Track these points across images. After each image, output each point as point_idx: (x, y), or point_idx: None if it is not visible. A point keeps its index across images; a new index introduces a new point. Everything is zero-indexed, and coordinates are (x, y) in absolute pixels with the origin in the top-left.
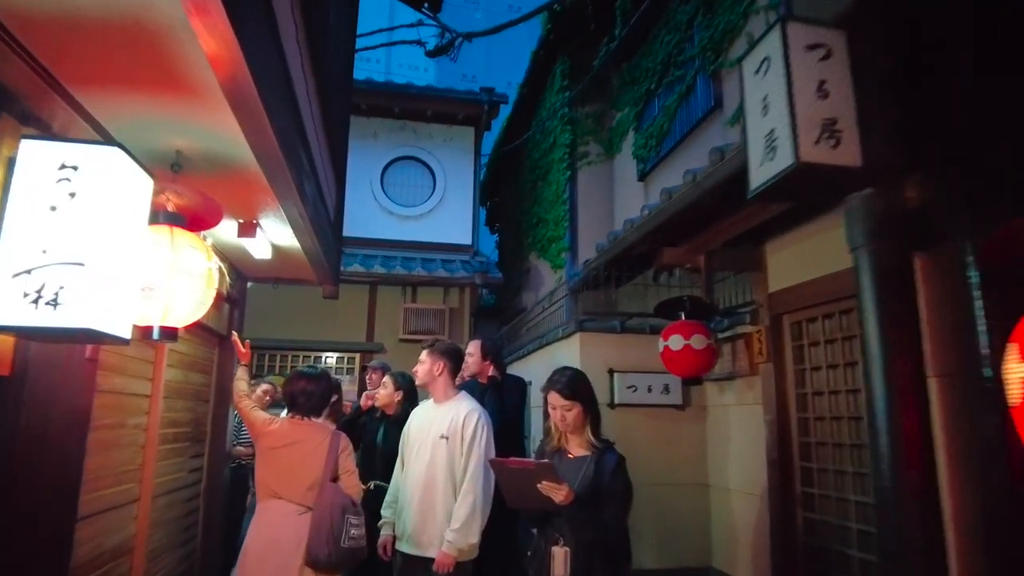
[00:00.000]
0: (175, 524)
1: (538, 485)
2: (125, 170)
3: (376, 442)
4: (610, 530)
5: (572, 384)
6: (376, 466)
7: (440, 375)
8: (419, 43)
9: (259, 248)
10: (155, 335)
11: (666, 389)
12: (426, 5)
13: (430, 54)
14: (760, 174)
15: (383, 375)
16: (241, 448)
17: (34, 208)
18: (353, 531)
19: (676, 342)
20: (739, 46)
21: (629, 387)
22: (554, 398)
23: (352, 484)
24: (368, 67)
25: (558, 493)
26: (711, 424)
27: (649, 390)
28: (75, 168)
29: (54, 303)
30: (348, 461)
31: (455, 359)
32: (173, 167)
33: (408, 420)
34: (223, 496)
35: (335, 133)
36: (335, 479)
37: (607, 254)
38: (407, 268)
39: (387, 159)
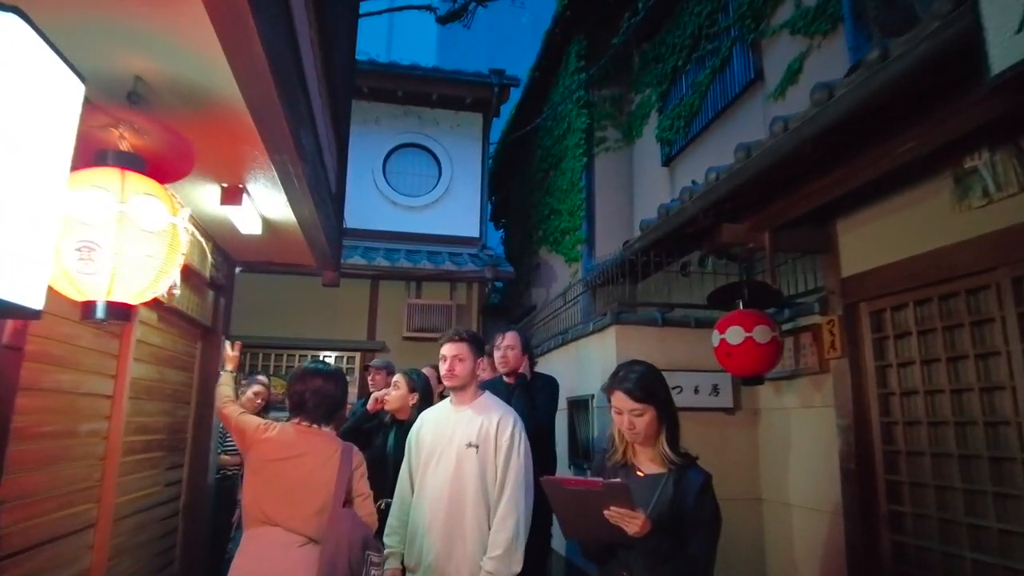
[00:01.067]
0: (147, 549)
1: (605, 511)
2: (28, 52)
3: (386, 452)
4: (697, 568)
5: (644, 383)
6: (387, 481)
7: (481, 373)
8: (429, 8)
9: (247, 220)
10: (99, 313)
11: (715, 390)
12: None
13: (441, 20)
14: (1012, 48)
15: (387, 375)
16: (226, 457)
17: None
18: (374, 571)
19: (735, 335)
20: (784, 11)
21: (674, 388)
22: (621, 400)
23: (368, 511)
24: (368, 48)
25: (632, 522)
26: (764, 430)
27: (696, 391)
28: None
29: None
30: (363, 482)
31: (483, 352)
32: (131, 98)
33: (416, 427)
34: (207, 513)
35: (337, 90)
36: (347, 503)
37: (657, 231)
38: (412, 261)
39: (390, 146)
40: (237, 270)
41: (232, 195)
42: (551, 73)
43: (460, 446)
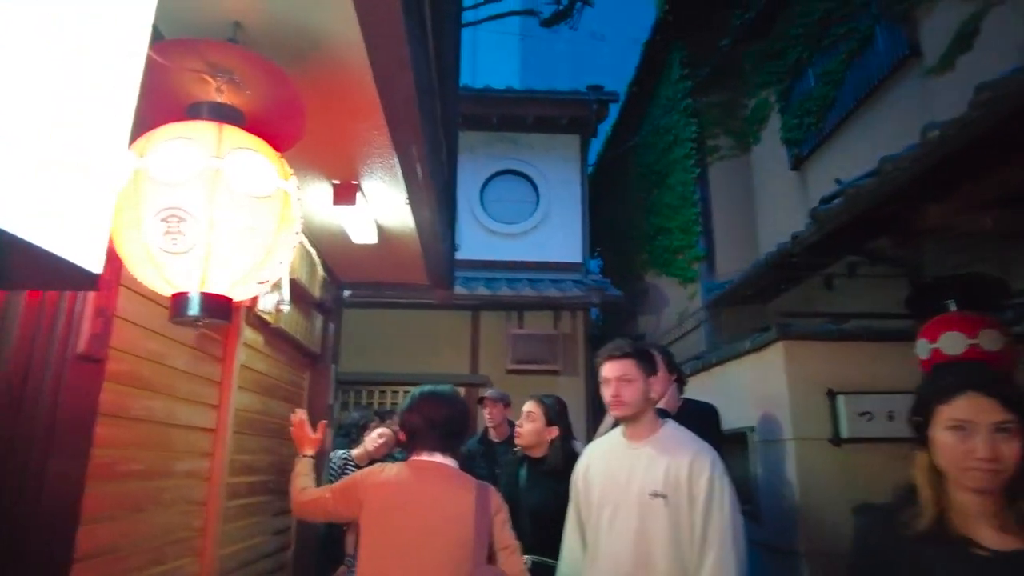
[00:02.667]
0: None
1: None
2: None
3: (518, 497)
4: None
5: (1014, 388)
6: (523, 529)
7: (657, 398)
8: (532, 12)
9: (361, 226)
10: (192, 308)
11: None
12: None
13: (546, 23)
14: None
15: (504, 407)
16: None
17: None
18: None
19: (953, 343)
20: None
21: (862, 414)
22: (977, 406)
23: (518, 568)
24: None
25: None
26: None
27: (890, 418)
28: None
29: None
30: (506, 531)
31: (654, 369)
32: None
33: (580, 467)
34: (317, 567)
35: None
36: (490, 559)
37: (840, 216)
38: (514, 288)
39: (486, 174)
40: (345, 293)
41: (345, 192)
42: (650, 85)
43: (642, 495)
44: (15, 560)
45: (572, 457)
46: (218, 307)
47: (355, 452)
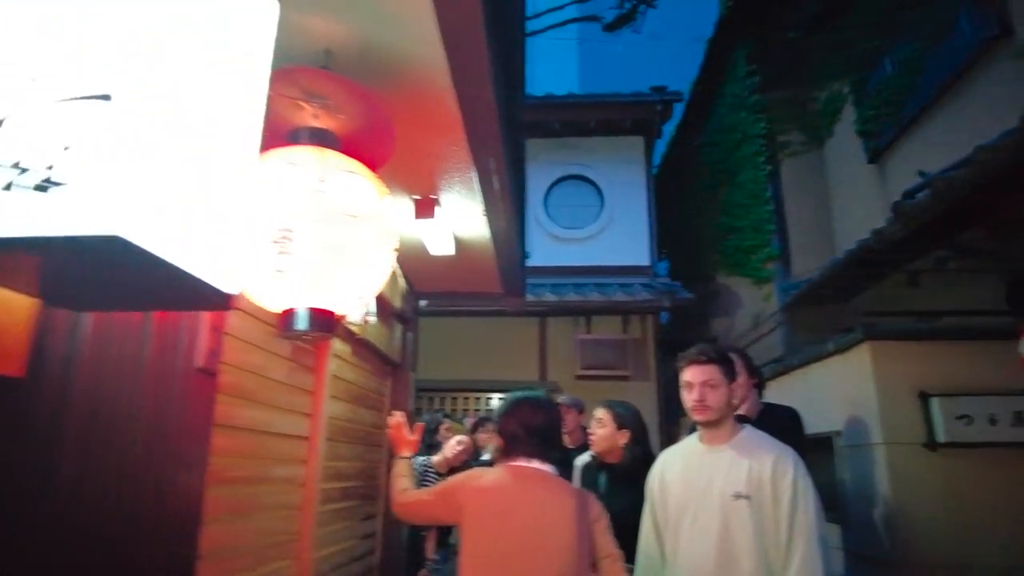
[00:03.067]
0: None
1: None
2: None
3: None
4: None
5: None
6: None
7: (738, 404)
8: (594, 19)
9: (439, 238)
10: (300, 322)
11: (1018, 419)
12: None
13: (608, 28)
14: None
15: (578, 414)
16: None
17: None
18: None
19: None
20: None
21: (960, 418)
22: None
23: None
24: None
25: None
26: None
27: (992, 421)
28: None
29: (45, 185)
30: (607, 538)
31: (735, 375)
32: None
33: (655, 473)
34: (408, 569)
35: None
36: (593, 566)
37: (931, 210)
38: (581, 294)
39: (549, 181)
40: (422, 303)
41: (425, 207)
42: (714, 84)
43: (724, 497)
44: (148, 556)
45: (647, 459)
46: (324, 321)
47: (435, 459)
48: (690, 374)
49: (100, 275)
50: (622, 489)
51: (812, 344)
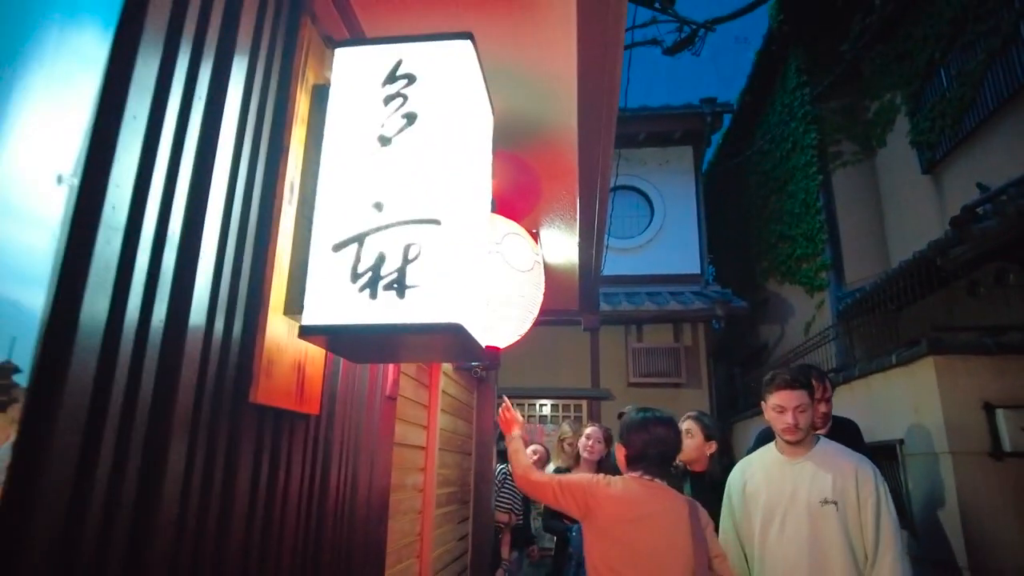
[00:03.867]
0: None
1: None
2: (473, 79)
3: None
4: None
5: None
6: None
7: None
8: (656, 42)
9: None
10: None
11: None
12: (658, 2)
13: (668, 52)
14: None
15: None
16: (500, 513)
17: (357, 145)
18: None
19: None
20: None
21: None
22: None
23: (729, 574)
24: None
25: None
26: None
27: None
28: (410, 79)
29: (399, 286)
30: (716, 541)
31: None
32: None
33: (735, 484)
34: (490, 571)
35: None
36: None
37: (998, 236)
38: (633, 303)
39: (609, 178)
40: None
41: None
42: (765, 93)
43: (811, 504)
44: (364, 536)
45: (732, 468)
46: (493, 356)
47: (540, 499)
48: (782, 398)
49: (411, 343)
50: (707, 496)
51: (871, 354)
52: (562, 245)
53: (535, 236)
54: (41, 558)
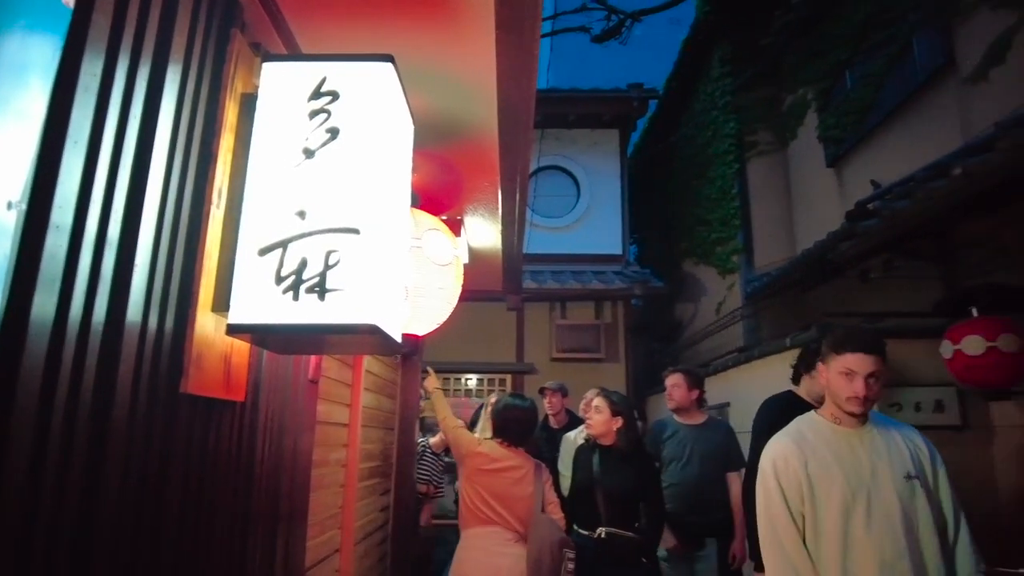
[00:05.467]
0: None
1: None
2: (394, 97)
3: (594, 480)
4: None
5: None
6: (596, 507)
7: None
8: (585, 29)
9: (460, 251)
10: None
11: (938, 406)
12: None
13: (597, 39)
14: None
15: (562, 397)
16: (420, 484)
17: (283, 156)
18: (570, 565)
19: (973, 345)
20: None
21: (892, 405)
22: None
23: (560, 515)
24: None
25: None
26: (1003, 450)
27: (917, 408)
28: (334, 95)
29: (320, 290)
30: (552, 491)
31: None
32: None
33: (792, 465)
34: (411, 538)
35: None
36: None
37: (880, 235)
38: (559, 281)
39: (529, 171)
40: None
41: (453, 227)
42: (690, 81)
43: (896, 480)
44: (290, 506)
45: (638, 443)
46: (413, 344)
47: (433, 440)
48: (856, 362)
49: (332, 339)
50: (614, 467)
51: (775, 335)
52: (486, 231)
53: (460, 223)
54: None
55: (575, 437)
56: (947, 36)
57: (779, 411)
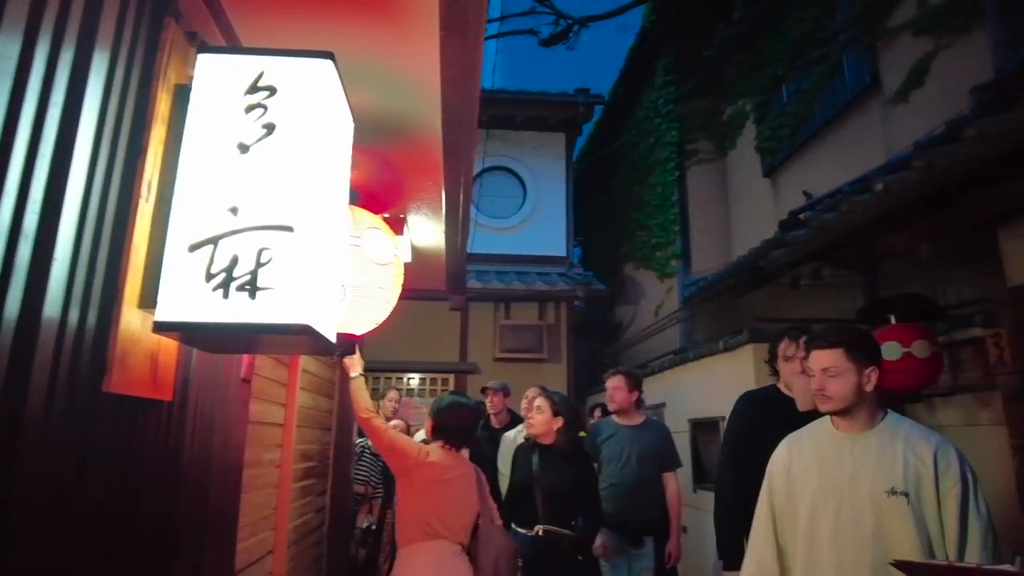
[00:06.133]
0: None
1: None
2: (333, 95)
3: (533, 479)
4: None
5: None
6: (535, 505)
7: (873, 389)
8: (533, 32)
9: (402, 249)
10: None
11: None
12: None
13: (544, 43)
14: None
15: (504, 397)
16: (358, 485)
17: (217, 150)
18: (520, 573)
19: (891, 351)
20: (905, 11)
21: None
22: None
23: (500, 520)
24: None
25: None
26: None
27: None
28: (271, 90)
29: (251, 288)
30: (489, 497)
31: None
32: None
33: (778, 463)
34: (347, 540)
35: None
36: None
37: (811, 243)
38: (503, 282)
39: (475, 171)
40: None
41: (395, 226)
42: (635, 88)
43: (876, 494)
44: (219, 507)
45: (578, 442)
46: (350, 344)
47: (372, 441)
48: (812, 359)
49: (264, 339)
50: (554, 466)
51: (709, 338)
52: (430, 230)
53: (403, 222)
54: None
55: (514, 436)
56: (874, 58)
57: (750, 404)
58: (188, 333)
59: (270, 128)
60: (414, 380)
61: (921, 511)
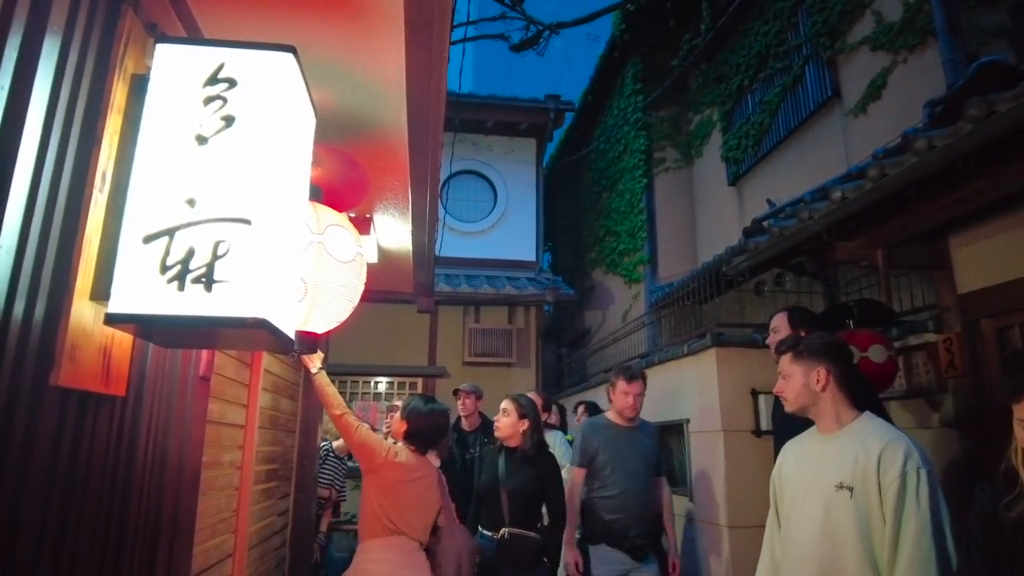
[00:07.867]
0: None
1: None
2: (295, 89)
3: (499, 481)
4: None
5: None
6: (500, 507)
7: (825, 389)
8: (504, 37)
9: (368, 249)
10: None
11: None
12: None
13: (515, 48)
14: None
15: (476, 399)
16: (322, 488)
17: (174, 142)
18: (475, 570)
19: None
20: (863, 26)
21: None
22: None
23: (458, 521)
24: None
25: None
26: None
27: None
28: (231, 83)
29: (207, 281)
30: (447, 498)
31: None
32: None
33: (778, 464)
34: (311, 544)
35: None
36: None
37: (770, 249)
38: (472, 286)
39: (445, 174)
40: None
41: (362, 225)
42: (604, 96)
43: (827, 488)
44: (174, 507)
45: (542, 445)
46: (310, 342)
47: (336, 444)
48: (778, 365)
49: (221, 333)
50: (520, 468)
51: (675, 342)
52: (398, 231)
53: (369, 221)
54: None
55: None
56: (835, 71)
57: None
58: (142, 326)
59: (229, 120)
60: (381, 384)
61: (866, 505)
